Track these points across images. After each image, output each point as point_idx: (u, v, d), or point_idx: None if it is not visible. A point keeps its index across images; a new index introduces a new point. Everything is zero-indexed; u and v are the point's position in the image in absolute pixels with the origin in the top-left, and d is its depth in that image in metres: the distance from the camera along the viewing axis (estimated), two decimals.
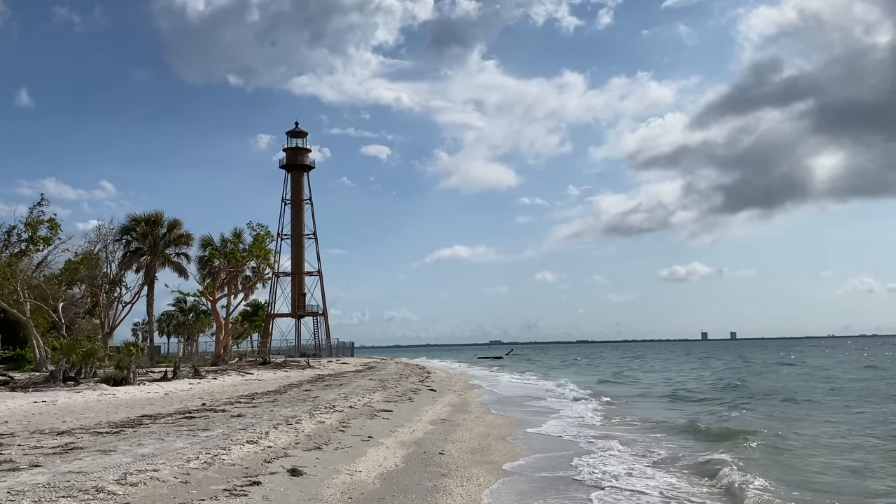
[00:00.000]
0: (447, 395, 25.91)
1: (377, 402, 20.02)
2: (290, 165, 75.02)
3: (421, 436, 14.25)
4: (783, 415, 20.25)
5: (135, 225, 50.43)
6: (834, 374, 41.89)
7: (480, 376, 46.09)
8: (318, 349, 73.89)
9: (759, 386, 32.62)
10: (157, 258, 50.94)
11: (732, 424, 17.10)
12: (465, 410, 20.39)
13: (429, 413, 18.56)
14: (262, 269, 48.68)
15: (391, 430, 14.58)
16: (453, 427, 16.10)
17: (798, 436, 15.57)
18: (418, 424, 15.96)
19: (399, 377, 34.35)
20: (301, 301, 76.00)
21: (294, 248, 75.40)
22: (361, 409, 17.58)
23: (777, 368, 51.55)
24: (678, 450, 13.62)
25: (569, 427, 17.37)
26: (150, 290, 51.32)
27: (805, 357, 76.11)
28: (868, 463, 12.32)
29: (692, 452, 13.19)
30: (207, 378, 30.88)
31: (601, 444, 14.27)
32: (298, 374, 36.17)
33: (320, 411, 16.41)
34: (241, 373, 35.02)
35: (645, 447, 13.92)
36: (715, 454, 12.61)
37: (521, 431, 16.32)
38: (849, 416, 19.81)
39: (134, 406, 18.00)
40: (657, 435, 15.89)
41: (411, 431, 14.68)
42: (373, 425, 14.91)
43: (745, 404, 23.26)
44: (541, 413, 20.91)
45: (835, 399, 25.38)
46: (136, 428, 13.10)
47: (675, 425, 17.59)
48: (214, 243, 51.25)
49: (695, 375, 45.01)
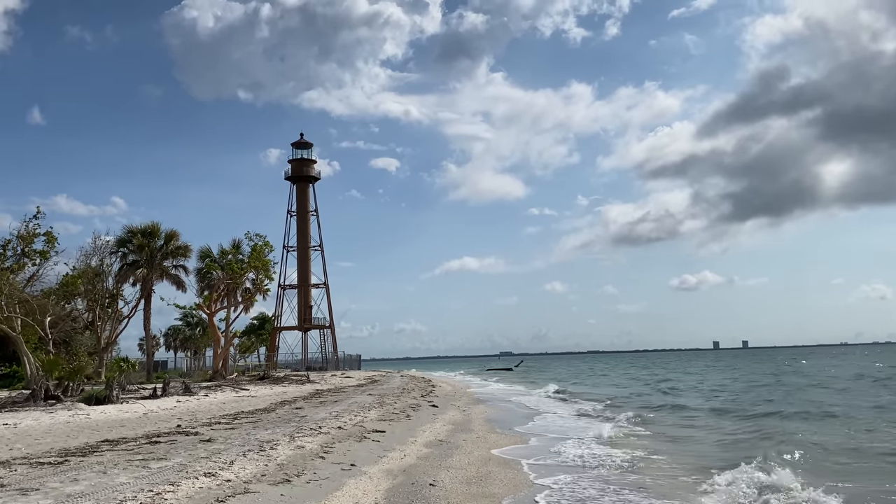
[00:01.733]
0: (449, 411, 24.20)
1: (370, 421, 18.35)
2: (295, 177, 73.95)
3: (412, 462, 12.57)
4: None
5: (131, 237, 49.00)
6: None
7: (488, 390, 44.29)
8: (324, 362, 72.54)
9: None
10: (155, 271, 49.46)
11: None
12: (467, 429, 18.67)
13: (426, 433, 16.87)
14: (261, 280, 47.13)
15: (379, 455, 12.91)
16: (451, 450, 14.40)
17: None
18: (412, 447, 14.27)
19: (401, 392, 32.65)
20: (307, 314, 74.67)
21: (300, 260, 74.14)
22: (351, 430, 15.92)
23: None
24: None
25: (586, 449, 15.63)
26: (147, 304, 49.90)
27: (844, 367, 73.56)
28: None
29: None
30: (198, 395, 29.29)
31: (632, 479, 11.85)
32: (296, 389, 34.53)
33: (303, 433, 14.76)
34: (235, 389, 33.42)
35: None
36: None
37: (527, 454, 14.61)
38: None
39: (101, 429, 16.40)
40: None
41: (402, 457, 13.00)
42: (359, 450, 13.25)
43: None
44: (552, 433, 19.18)
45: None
46: (85, 457, 11.49)
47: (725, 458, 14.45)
48: (213, 255, 49.84)
49: (747, 391, 37.68)
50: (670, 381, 52.22)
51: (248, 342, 78.39)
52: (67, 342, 44.26)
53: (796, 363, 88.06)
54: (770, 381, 46.78)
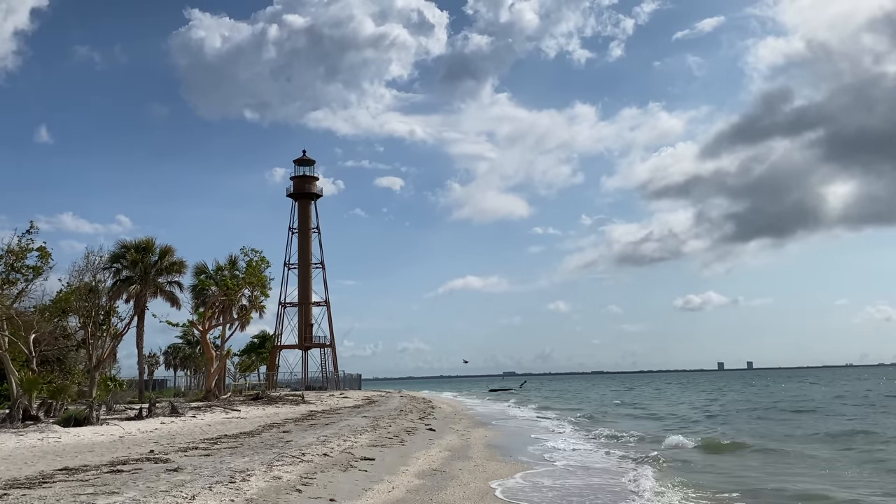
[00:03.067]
0: (447, 435, 22.80)
1: (360, 446, 16.99)
2: (297, 193, 72.93)
3: (400, 496, 11.23)
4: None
5: (125, 252, 47.77)
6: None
7: (489, 411, 42.82)
8: (324, 382, 71.22)
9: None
10: (148, 287, 48.17)
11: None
12: (465, 457, 17.30)
13: (419, 461, 15.50)
14: (256, 297, 45.83)
15: (364, 487, 11.57)
16: (445, 481, 13.05)
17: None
18: (402, 478, 12.92)
19: (398, 414, 31.24)
20: (308, 332, 73.38)
21: (301, 277, 72.91)
22: (337, 458, 14.57)
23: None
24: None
25: (596, 480, 14.26)
26: (140, 321, 48.61)
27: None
28: None
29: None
30: (186, 416, 27.96)
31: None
32: (290, 410, 33.14)
33: (284, 461, 13.41)
34: (226, 410, 32.06)
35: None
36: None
37: (530, 486, 13.26)
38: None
39: (67, 454, 15.09)
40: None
41: (389, 489, 11.66)
42: (343, 481, 11.91)
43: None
44: (558, 460, 17.79)
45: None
46: (32, 489, 10.18)
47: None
48: (208, 271, 48.62)
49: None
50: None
51: (248, 361, 77.16)
52: (61, 360, 43.00)
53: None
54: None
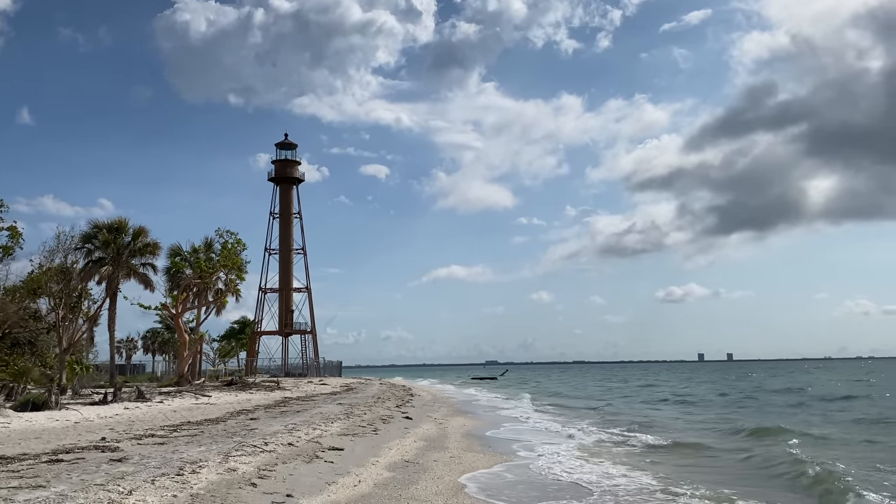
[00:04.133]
0: (424, 424, 21.86)
1: (330, 435, 15.99)
2: (278, 178, 71.56)
3: (366, 491, 10.26)
4: None
5: (96, 232, 46.32)
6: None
7: (470, 400, 41.98)
8: (305, 368, 70.33)
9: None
10: (121, 268, 46.78)
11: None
12: (441, 447, 16.36)
13: (392, 451, 14.53)
14: (232, 281, 44.60)
15: (328, 481, 10.58)
16: (417, 474, 12.10)
17: None
18: (370, 470, 11.95)
19: (375, 401, 30.27)
20: (288, 318, 72.29)
21: (282, 263, 71.67)
22: (303, 448, 13.56)
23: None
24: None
25: (582, 472, 13.36)
26: (112, 304, 47.29)
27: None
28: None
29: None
30: (153, 402, 26.83)
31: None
32: (263, 397, 32.07)
33: (243, 451, 12.39)
34: (196, 395, 30.92)
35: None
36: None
37: (510, 478, 12.35)
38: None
39: (10, 442, 13.96)
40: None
41: (355, 483, 10.68)
42: (305, 473, 10.91)
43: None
44: (538, 451, 16.91)
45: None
46: None
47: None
48: (184, 252, 47.28)
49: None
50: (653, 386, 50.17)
51: (227, 346, 75.97)
52: (33, 342, 41.68)
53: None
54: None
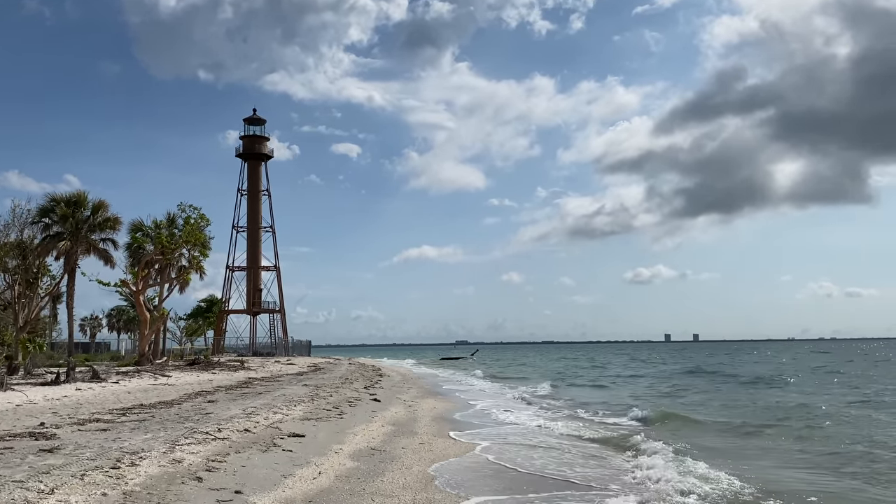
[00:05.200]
0: (393, 406, 20.90)
1: (292, 420, 14.94)
2: (246, 154, 69.80)
3: (326, 484, 9.25)
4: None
5: (54, 206, 44.44)
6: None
7: (440, 380, 41.14)
8: (273, 348, 69.28)
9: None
10: (80, 244, 45.00)
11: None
12: (410, 431, 15.41)
13: (357, 438, 13.54)
14: (195, 257, 43.10)
15: (284, 473, 9.55)
16: (384, 463, 11.12)
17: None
18: (333, 460, 10.94)
19: (343, 382, 29.25)
20: (257, 297, 71.02)
21: (250, 241, 70.22)
22: (260, 434, 12.51)
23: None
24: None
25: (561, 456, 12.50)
26: (70, 280, 45.58)
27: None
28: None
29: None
30: (108, 382, 25.54)
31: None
32: (226, 377, 30.85)
33: (193, 439, 11.31)
34: (156, 375, 29.64)
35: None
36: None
37: (486, 470, 11.44)
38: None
39: None
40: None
41: (315, 476, 9.66)
42: (259, 464, 9.87)
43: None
44: (512, 433, 16.04)
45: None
46: None
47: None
48: (146, 228, 45.58)
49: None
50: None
51: (194, 325, 74.41)
52: None
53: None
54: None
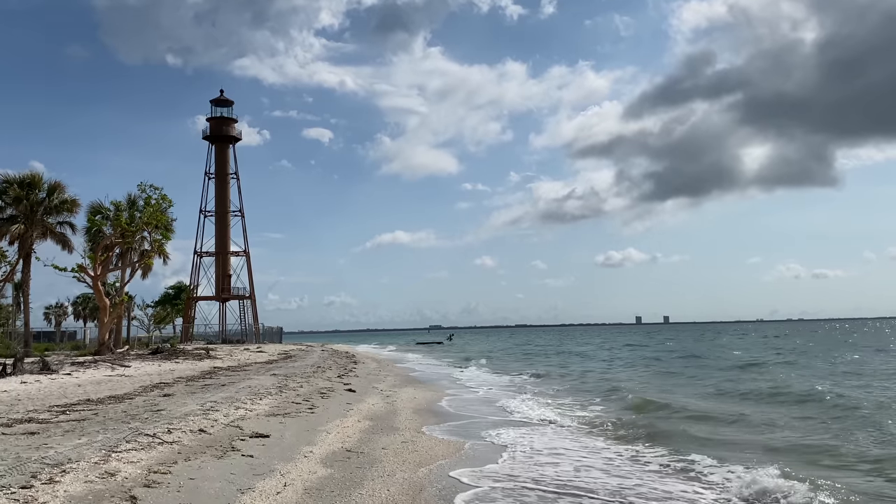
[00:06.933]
0: (370, 397, 19.31)
1: (256, 416, 13.26)
2: (214, 136, 67.35)
3: (293, 501, 7.63)
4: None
5: (6, 187, 41.94)
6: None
7: (417, 366, 39.65)
8: (243, 335, 67.36)
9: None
10: (35, 227, 42.59)
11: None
12: (391, 427, 13.83)
13: (330, 437, 11.91)
14: (157, 241, 40.96)
15: (241, 487, 7.90)
16: (363, 469, 9.52)
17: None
18: (301, 466, 9.31)
19: (314, 370, 27.56)
20: (226, 283, 68.92)
21: (218, 225, 67.94)
22: (217, 435, 10.84)
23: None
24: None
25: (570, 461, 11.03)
26: (25, 266, 43.18)
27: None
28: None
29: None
30: (59, 374, 23.62)
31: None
32: (189, 367, 28.97)
33: (136, 443, 9.59)
34: (113, 366, 27.71)
35: None
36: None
37: (478, 471, 9.91)
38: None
39: None
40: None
41: (279, 489, 8.02)
42: (211, 476, 8.21)
43: None
44: (503, 425, 14.55)
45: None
46: None
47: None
48: (105, 210, 43.26)
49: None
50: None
51: (162, 312, 72.12)
52: None
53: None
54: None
